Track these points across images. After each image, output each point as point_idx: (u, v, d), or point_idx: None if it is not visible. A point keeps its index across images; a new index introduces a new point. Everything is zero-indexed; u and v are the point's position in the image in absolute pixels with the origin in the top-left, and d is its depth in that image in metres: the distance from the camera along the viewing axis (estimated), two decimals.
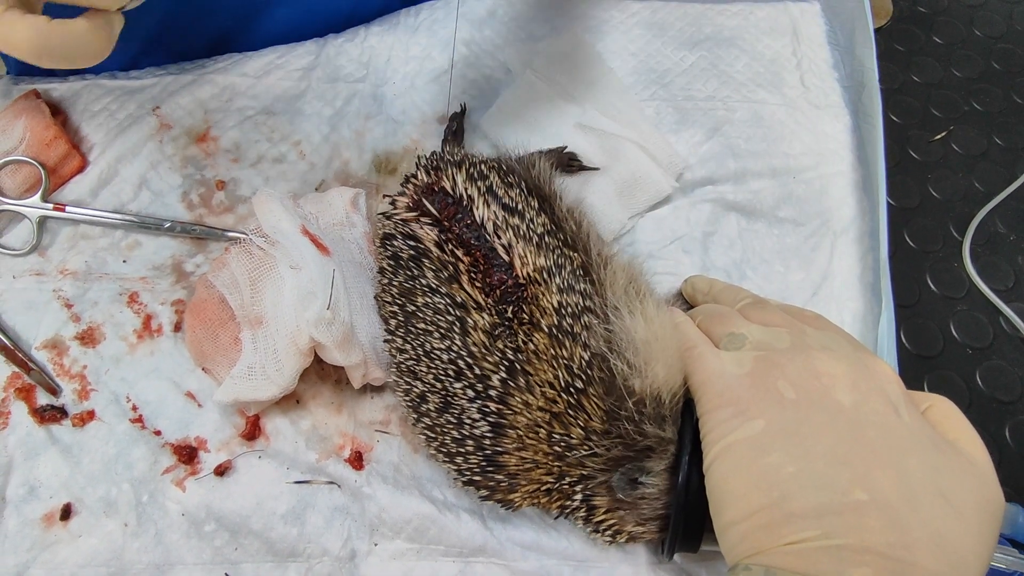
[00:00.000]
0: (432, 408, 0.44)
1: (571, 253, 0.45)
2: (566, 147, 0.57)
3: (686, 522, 0.40)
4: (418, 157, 0.50)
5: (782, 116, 0.65)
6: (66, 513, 0.46)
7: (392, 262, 0.48)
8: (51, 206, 0.55)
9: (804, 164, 0.63)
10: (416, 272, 0.46)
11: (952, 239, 0.97)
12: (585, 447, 0.41)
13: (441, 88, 0.63)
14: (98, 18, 0.38)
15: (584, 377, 0.41)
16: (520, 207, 0.46)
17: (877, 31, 1.12)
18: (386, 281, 0.48)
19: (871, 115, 0.64)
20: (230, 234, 0.55)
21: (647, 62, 0.67)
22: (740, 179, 0.62)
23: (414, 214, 0.47)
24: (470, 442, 0.43)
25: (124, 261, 0.55)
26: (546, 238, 0.45)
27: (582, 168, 0.58)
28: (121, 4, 0.39)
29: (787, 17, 0.71)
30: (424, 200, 0.47)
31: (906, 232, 0.97)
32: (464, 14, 0.67)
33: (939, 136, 1.04)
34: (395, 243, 0.47)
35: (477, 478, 0.43)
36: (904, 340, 0.89)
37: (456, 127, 0.60)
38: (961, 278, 0.95)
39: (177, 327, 0.53)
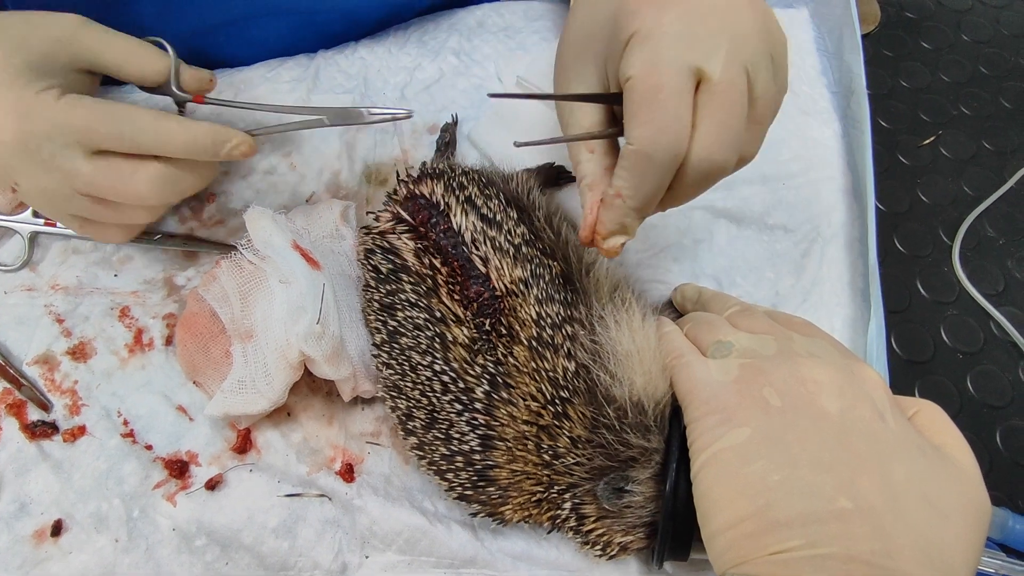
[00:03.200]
0: (419, 425, 0.44)
1: (550, 262, 0.45)
2: (554, 162, 0.58)
3: (674, 530, 0.40)
4: (397, 173, 0.51)
5: None
6: (57, 529, 0.46)
7: (374, 274, 0.48)
8: (42, 221, 0.55)
9: (793, 170, 0.63)
10: (396, 287, 0.46)
11: (942, 243, 0.98)
12: (571, 455, 0.41)
13: (431, 98, 0.64)
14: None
15: (570, 388, 0.41)
16: (499, 218, 0.46)
17: (865, 37, 1.13)
18: (368, 297, 0.48)
19: (859, 121, 0.64)
20: (221, 247, 0.56)
21: None
22: (729, 186, 0.62)
23: (391, 223, 0.47)
24: (459, 458, 0.43)
25: (115, 275, 0.55)
26: (523, 248, 0.45)
27: (571, 180, 0.58)
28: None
29: None
30: (398, 208, 0.47)
31: (896, 237, 0.97)
32: (453, 24, 0.68)
33: (928, 141, 1.05)
34: (375, 258, 0.48)
35: (468, 493, 0.44)
36: (895, 346, 0.89)
37: (448, 138, 0.60)
38: (951, 282, 0.95)
39: (168, 341, 0.53)
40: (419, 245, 0.46)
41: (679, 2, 0.34)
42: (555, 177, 0.58)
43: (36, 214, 0.55)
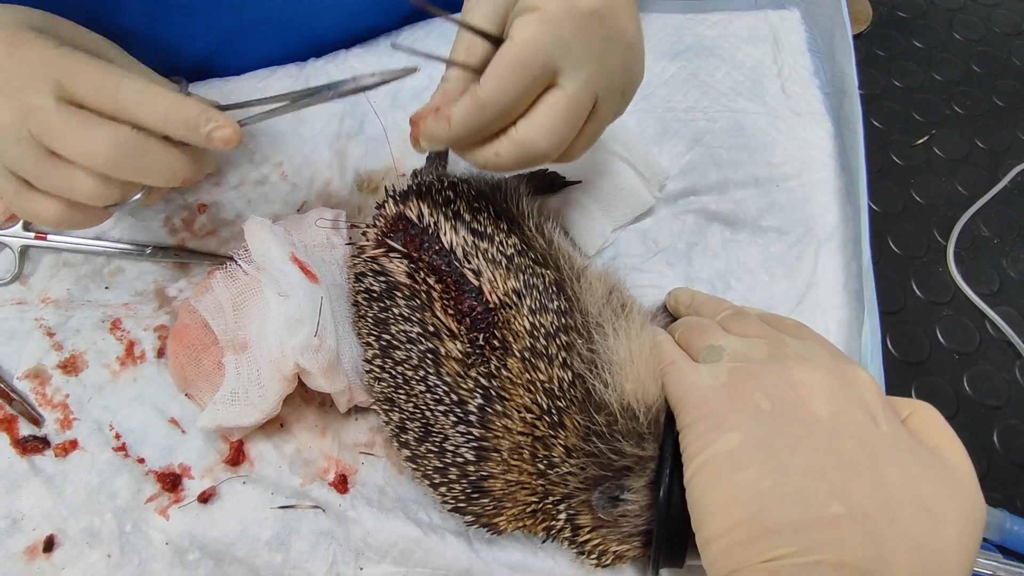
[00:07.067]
0: (412, 438, 0.44)
1: (543, 271, 0.45)
2: (547, 169, 0.57)
3: (669, 537, 0.39)
4: (385, 189, 0.50)
5: (763, 125, 0.65)
6: (49, 545, 0.46)
7: (366, 295, 0.48)
8: (32, 235, 0.55)
9: (786, 172, 0.63)
10: (388, 303, 0.46)
11: (936, 244, 0.98)
12: (565, 465, 0.41)
13: (421, 105, 0.64)
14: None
15: (566, 398, 0.41)
16: (489, 230, 0.46)
17: (858, 37, 1.13)
18: (361, 313, 0.48)
19: (852, 121, 0.64)
20: (213, 258, 0.55)
21: None
22: (723, 189, 0.62)
23: (382, 250, 0.47)
24: (453, 470, 0.43)
25: (106, 288, 0.55)
26: (516, 259, 0.45)
27: (564, 184, 0.58)
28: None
29: (767, 25, 0.71)
30: (387, 240, 0.47)
31: (890, 238, 0.97)
32: (444, 32, 0.68)
33: (921, 140, 1.05)
34: (367, 280, 0.47)
35: (462, 504, 0.43)
36: (890, 346, 0.89)
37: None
38: (946, 283, 0.94)
39: (160, 353, 0.53)
40: (411, 267, 0.45)
41: (580, 19, 0.38)
42: (548, 184, 0.58)
43: (27, 227, 0.55)
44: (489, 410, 0.41)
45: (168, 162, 0.42)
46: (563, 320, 0.43)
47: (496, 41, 0.41)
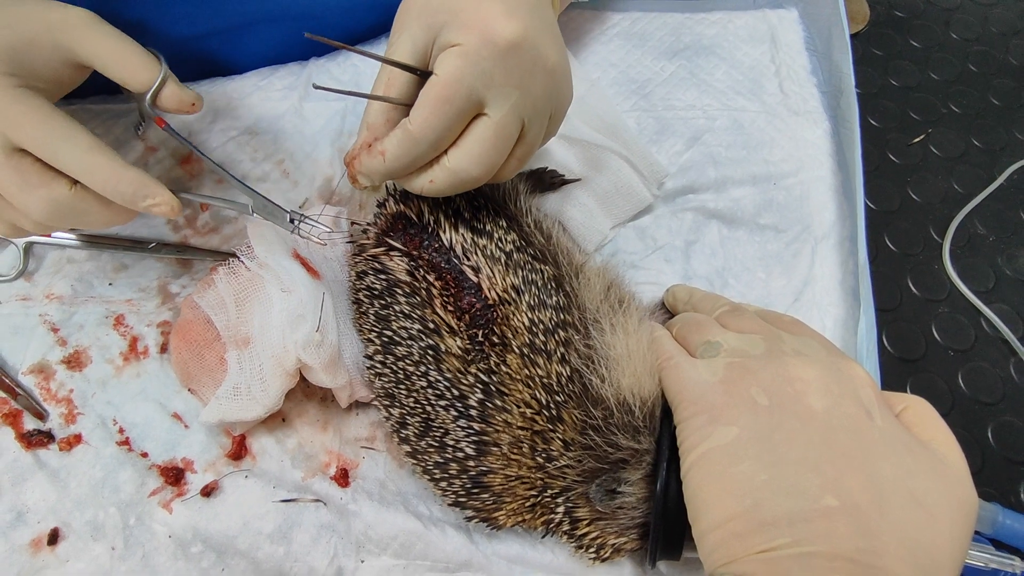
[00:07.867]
0: (412, 433, 0.44)
1: (541, 267, 0.45)
2: (546, 167, 0.58)
3: (666, 529, 0.40)
4: (386, 187, 0.51)
5: (761, 123, 0.66)
6: (53, 538, 0.46)
7: (367, 292, 0.48)
8: None
9: (784, 170, 0.63)
10: (389, 300, 0.46)
11: (932, 241, 0.98)
12: (564, 458, 0.41)
13: None
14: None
15: (564, 393, 0.41)
16: (488, 227, 0.46)
17: (855, 36, 1.13)
18: (362, 310, 0.49)
19: (849, 120, 0.64)
20: (215, 255, 0.56)
21: (627, 73, 0.68)
22: (721, 187, 0.62)
23: (383, 249, 0.48)
24: (453, 465, 0.43)
25: (110, 284, 0.55)
26: (515, 255, 0.45)
27: (564, 182, 0.59)
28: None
29: (765, 25, 0.72)
30: (387, 239, 0.47)
31: (887, 235, 0.97)
32: None
33: (918, 139, 1.05)
34: (368, 278, 0.48)
35: (462, 499, 0.44)
36: (887, 343, 0.89)
37: None
38: (942, 280, 0.95)
39: (163, 349, 0.53)
40: (412, 265, 0.46)
41: (499, 51, 0.40)
42: (548, 181, 0.58)
43: None
44: (489, 405, 0.42)
45: (105, 215, 0.45)
46: (561, 316, 0.43)
47: (422, 74, 0.42)
